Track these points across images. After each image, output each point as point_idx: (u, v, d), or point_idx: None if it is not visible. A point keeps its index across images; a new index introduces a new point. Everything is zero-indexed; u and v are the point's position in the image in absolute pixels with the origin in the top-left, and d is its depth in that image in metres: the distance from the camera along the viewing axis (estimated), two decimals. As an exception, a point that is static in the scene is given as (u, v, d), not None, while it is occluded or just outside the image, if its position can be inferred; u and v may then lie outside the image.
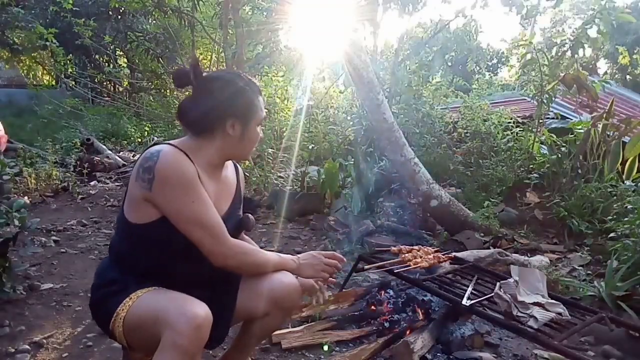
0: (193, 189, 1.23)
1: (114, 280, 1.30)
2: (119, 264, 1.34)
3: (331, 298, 2.32)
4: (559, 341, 1.54)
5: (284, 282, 1.41)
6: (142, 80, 12.15)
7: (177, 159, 1.22)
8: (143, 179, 1.22)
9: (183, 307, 1.12)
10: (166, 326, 1.10)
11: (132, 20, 11.43)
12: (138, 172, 1.24)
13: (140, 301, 1.21)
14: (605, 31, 4.24)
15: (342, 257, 1.53)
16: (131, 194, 1.28)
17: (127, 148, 7.53)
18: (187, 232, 1.24)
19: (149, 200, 1.23)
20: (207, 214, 1.25)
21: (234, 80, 1.34)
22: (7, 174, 2.46)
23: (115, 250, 1.39)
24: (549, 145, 4.65)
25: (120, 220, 1.35)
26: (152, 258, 1.30)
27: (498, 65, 22.96)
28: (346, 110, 6.89)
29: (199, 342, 1.12)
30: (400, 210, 4.24)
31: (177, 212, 1.23)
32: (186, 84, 1.33)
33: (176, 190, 1.21)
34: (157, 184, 1.20)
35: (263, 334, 1.58)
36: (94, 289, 1.35)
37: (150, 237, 1.28)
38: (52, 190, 4.65)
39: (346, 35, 3.63)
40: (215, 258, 1.28)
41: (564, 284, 2.75)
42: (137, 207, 1.27)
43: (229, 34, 7.05)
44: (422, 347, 1.90)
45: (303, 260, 1.47)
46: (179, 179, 1.21)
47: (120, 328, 1.21)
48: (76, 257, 3.06)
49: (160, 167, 1.20)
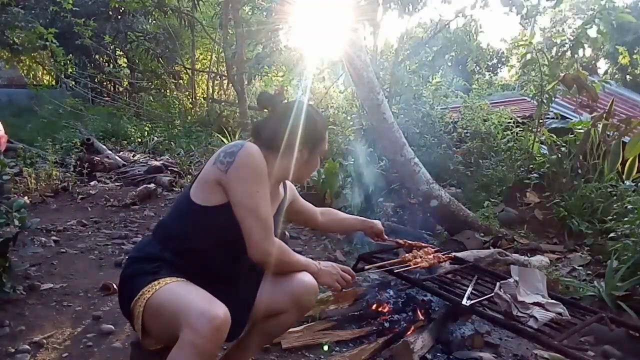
0: (262, 181, 1.34)
1: (150, 256, 1.36)
2: (163, 242, 1.39)
3: (331, 298, 2.33)
4: (559, 341, 1.54)
5: (305, 281, 1.47)
6: (142, 80, 12.16)
7: (258, 153, 1.34)
8: (222, 162, 1.33)
9: (204, 307, 1.14)
10: (185, 324, 1.12)
11: (132, 20, 11.43)
12: (219, 155, 1.35)
13: (167, 288, 1.23)
14: (605, 31, 4.24)
15: (355, 274, 1.63)
16: (204, 176, 1.38)
17: (127, 148, 7.52)
18: (243, 219, 1.32)
19: (220, 184, 1.33)
20: (265, 208, 1.35)
21: (309, 112, 1.51)
22: (7, 174, 2.46)
23: (163, 227, 1.44)
24: (549, 145, 4.65)
25: (181, 201, 1.44)
26: (200, 240, 1.36)
27: (498, 65, 22.97)
28: (346, 110, 6.90)
29: (216, 343, 1.14)
30: (400, 210, 4.25)
31: (241, 197, 1.32)
32: (269, 106, 1.52)
33: (248, 177, 1.32)
34: (234, 167, 1.31)
35: (273, 333, 1.60)
36: (129, 262, 1.40)
37: (207, 220, 1.36)
38: (52, 190, 4.64)
39: (346, 35, 3.63)
40: (257, 251, 1.34)
41: (564, 284, 2.75)
42: (206, 189, 1.36)
43: (229, 34, 7.05)
44: (422, 347, 1.90)
45: (324, 267, 1.56)
46: (254, 168, 1.32)
47: (141, 308, 1.23)
48: (76, 257, 3.06)
49: (242, 154, 1.32)
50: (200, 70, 11.78)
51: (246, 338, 1.59)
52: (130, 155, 6.65)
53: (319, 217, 1.87)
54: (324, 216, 1.89)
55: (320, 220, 1.88)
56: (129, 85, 12.88)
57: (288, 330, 1.73)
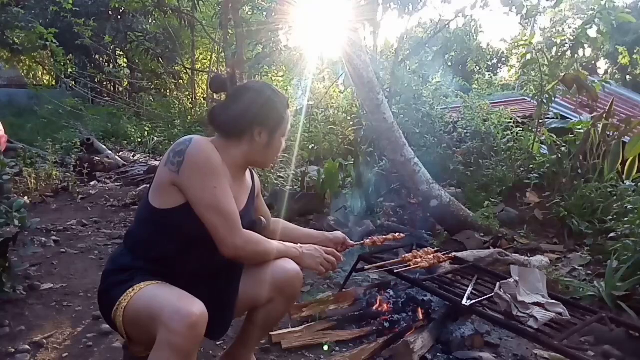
0: (217, 175, 1.29)
1: (123, 267, 1.33)
2: (133, 251, 1.37)
3: (331, 298, 2.33)
4: (559, 341, 1.54)
5: (286, 268, 1.45)
6: (142, 80, 12.16)
7: (207, 147, 1.30)
8: (172, 162, 1.28)
9: (178, 305, 1.13)
10: (161, 324, 1.11)
11: (132, 20, 11.44)
12: (169, 156, 1.30)
13: (141, 293, 1.23)
14: (605, 31, 4.24)
15: (341, 256, 1.57)
16: (158, 179, 1.33)
17: (127, 148, 7.53)
18: (205, 217, 1.28)
19: (175, 185, 1.29)
20: (226, 202, 1.30)
21: (265, 91, 1.43)
22: (7, 174, 2.45)
23: (131, 236, 1.42)
24: (549, 145, 4.65)
25: (142, 206, 1.40)
26: (166, 244, 1.33)
27: (498, 65, 22.99)
28: (346, 110, 6.89)
29: (193, 340, 1.12)
30: (400, 210, 4.25)
31: (199, 196, 1.27)
32: (222, 90, 1.45)
33: (202, 174, 1.27)
34: (185, 166, 1.26)
35: (267, 324, 1.59)
36: (105, 275, 1.38)
37: (169, 223, 1.32)
38: (52, 190, 4.65)
39: (346, 35, 3.63)
40: (227, 247, 1.30)
41: (564, 284, 2.75)
42: (162, 192, 1.32)
43: (229, 34, 7.04)
44: (422, 347, 1.90)
45: (306, 251, 1.51)
46: (206, 164, 1.27)
47: (120, 318, 1.23)
48: (76, 257, 3.06)
49: (191, 152, 1.27)
50: (200, 70, 11.78)
51: (243, 333, 1.59)
52: (130, 155, 6.66)
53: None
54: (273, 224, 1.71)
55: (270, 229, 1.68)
56: (129, 85, 12.89)
57: (281, 319, 1.69)
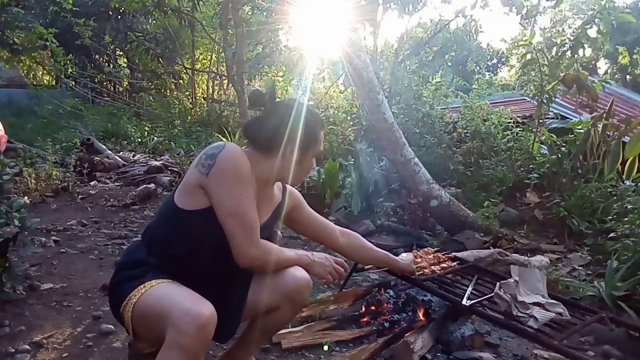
0: (244, 183, 1.31)
1: (137, 261, 1.34)
2: (149, 246, 1.38)
3: (331, 298, 2.33)
4: (559, 341, 1.54)
5: (296, 277, 1.46)
6: (142, 80, 12.16)
7: (239, 154, 1.32)
8: (203, 165, 1.30)
9: (188, 306, 1.13)
10: (170, 324, 1.11)
11: (132, 20, 11.43)
12: (200, 158, 1.32)
13: (152, 291, 1.23)
14: (605, 31, 4.24)
15: (347, 266, 1.62)
16: (187, 180, 1.35)
17: (127, 148, 7.51)
18: (225, 223, 1.29)
19: (202, 187, 1.31)
20: (248, 211, 1.31)
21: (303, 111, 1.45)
22: (7, 174, 2.45)
23: (150, 232, 1.43)
24: (549, 145, 4.65)
25: (166, 205, 1.42)
26: (183, 245, 1.34)
27: (498, 65, 23.00)
28: (346, 110, 6.89)
29: (202, 341, 1.12)
30: (400, 210, 4.25)
31: (224, 201, 1.29)
32: (259, 104, 1.45)
33: (229, 180, 1.29)
34: (215, 170, 1.28)
35: (270, 329, 1.60)
36: (117, 269, 1.39)
37: (191, 224, 1.33)
38: (52, 190, 4.64)
39: (346, 35, 3.63)
40: (243, 256, 1.31)
41: (564, 284, 2.75)
42: (189, 193, 1.34)
43: (229, 34, 7.04)
44: (422, 347, 1.90)
45: (317, 259, 1.53)
46: (235, 171, 1.29)
47: (129, 313, 1.23)
48: (76, 257, 3.06)
49: (223, 157, 1.29)
50: (200, 70, 11.78)
51: (245, 336, 1.59)
52: (130, 155, 6.65)
53: (338, 238, 1.71)
54: (345, 238, 1.73)
55: (340, 242, 1.71)
56: (129, 85, 12.88)
57: (285, 325, 1.71)
